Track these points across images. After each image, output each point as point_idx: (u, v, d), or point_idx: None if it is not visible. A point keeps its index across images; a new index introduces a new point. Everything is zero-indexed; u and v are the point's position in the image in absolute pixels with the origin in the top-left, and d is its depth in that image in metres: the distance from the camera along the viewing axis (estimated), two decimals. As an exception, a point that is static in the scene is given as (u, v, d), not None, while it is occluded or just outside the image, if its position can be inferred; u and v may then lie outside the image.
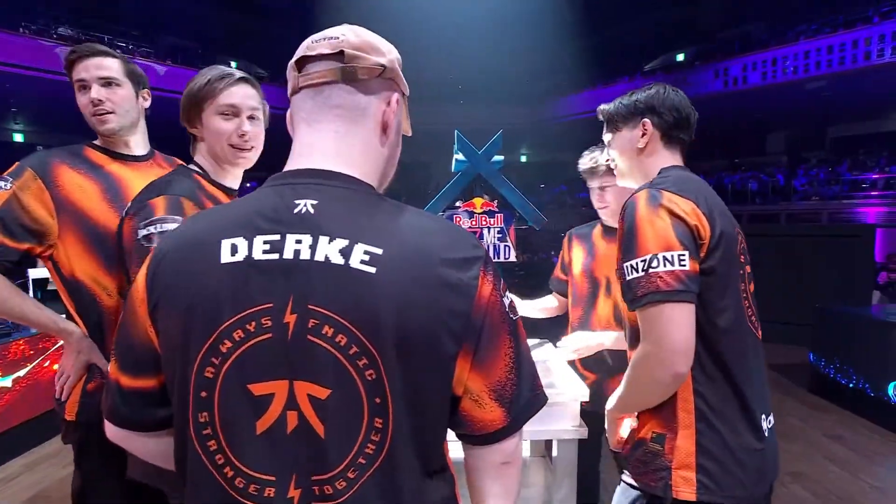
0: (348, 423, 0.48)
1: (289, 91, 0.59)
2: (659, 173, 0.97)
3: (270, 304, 0.48)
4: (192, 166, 1.09)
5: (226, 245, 0.50)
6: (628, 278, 0.84)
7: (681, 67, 15.16)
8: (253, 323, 0.48)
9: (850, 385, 3.22)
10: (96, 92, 1.13)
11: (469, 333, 0.51)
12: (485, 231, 1.27)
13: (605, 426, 1.03)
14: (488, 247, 1.27)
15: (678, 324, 0.81)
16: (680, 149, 1.01)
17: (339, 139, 0.56)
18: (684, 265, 0.81)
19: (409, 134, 0.65)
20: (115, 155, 1.21)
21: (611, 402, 0.99)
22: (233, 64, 13.08)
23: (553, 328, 1.62)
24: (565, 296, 1.59)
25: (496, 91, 17.06)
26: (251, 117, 1.04)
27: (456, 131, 1.27)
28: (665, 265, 0.81)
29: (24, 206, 1.09)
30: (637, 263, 0.83)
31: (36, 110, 13.57)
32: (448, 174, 1.34)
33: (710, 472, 0.84)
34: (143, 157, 1.23)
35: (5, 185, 1.11)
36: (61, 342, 1.19)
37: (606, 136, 1.09)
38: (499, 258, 1.28)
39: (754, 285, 1.00)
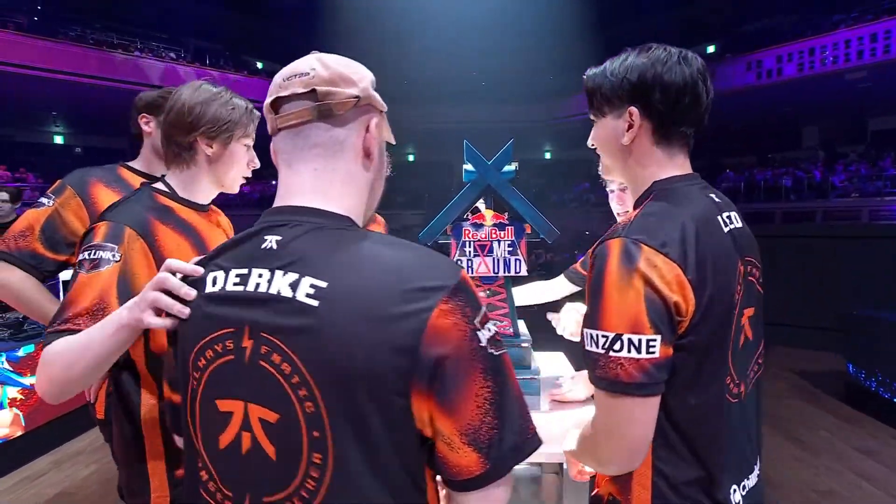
0: (293, 450, 0.50)
1: (269, 130, 0.60)
2: (653, 187, 0.77)
3: (234, 329, 0.53)
4: (158, 185, 1.04)
5: (209, 277, 0.57)
6: (587, 348, 0.69)
7: (710, 60, 14.65)
8: (220, 344, 0.54)
9: (888, 396, 3.05)
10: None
11: (420, 371, 0.47)
12: (494, 244, 1.24)
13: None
14: (498, 261, 1.24)
15: (637, 421, 0.67)
16: (682, 147, 0.78)
17: (317, 176, 0.58)
18: (653, 353, 0.64)
19: (393, 142, 0.65)
20: (145, 176, 1.34)
21: (569, 444, 0.85)
22: (259, 65, 13.26)
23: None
24: (576, 285, 1.57)
25: (518, 88, 16.91)
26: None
27: (465, 141, 1.25)
28: (630, 351, 0.65)
29: (64, 221, 1.24)
30: (597, 337, 0.67)
31: (74, 114, 14.22)
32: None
33: None
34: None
35: (48, 202, 1.26)
36: None
37: (590, 112, 0.85)
38: (509, 272, 1.25)
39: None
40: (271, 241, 0.55)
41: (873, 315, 3.32)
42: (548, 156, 22.02)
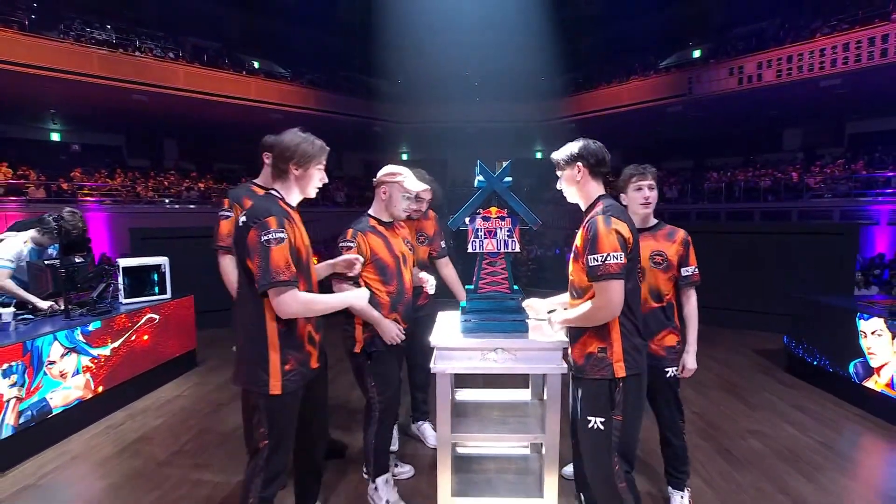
0: None
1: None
2: (599, 199, 1.61)
3: None
4: (273, 192, 1.64)
5: None
6: (591, 264, 1.50)
7: (695, 65, 15.26)
8: None
9: (815, 363, 3.67)
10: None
11: None
12: (497, 230, 1.80)
13: (549, 320, 1.74)
14: (500, 242, 1.80)
15: (618, 291, 1.50)
16: (602, 180, 1.65)
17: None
18: (620, 260, 1.48)
19: (412, 192, 1.35)
20: (265, 189, 2.11)
21: (561, 317, 1.66)
22: (255, 64, 13.54)
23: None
24: None
25: (510, 89, 17.35)
26: None
27: (479, 161, 1.80)
28: (613, 259, 1.47)
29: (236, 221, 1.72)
30: (598, 257, 1.49)
31: (71, 111, 14.33)
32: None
33: (628, 360, 1.55)
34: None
35: (231, 214, 2.24)
36: (147, 317, 2.40)
37: (557, 171, 1.69)
38: (507, 249, 1.81)
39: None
40: None
41: (805, 298, 3.93)
42: (539, 155, 22.53)
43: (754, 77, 14.01)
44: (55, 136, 16.35)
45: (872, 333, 3.19)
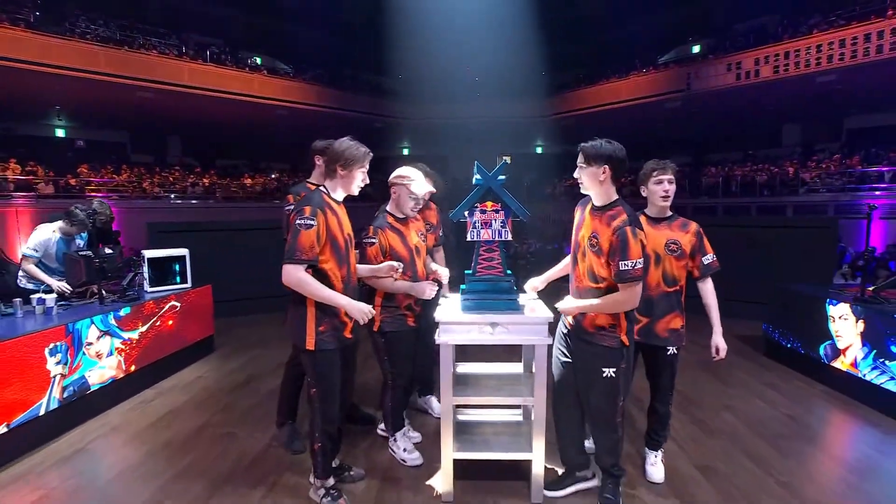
0: None
1: None
2: (618, 203, 1.89)
3: None
4: (322, 188, 1.97)
5: None
6: (622, 269, 1.80)
7: (694, 61, 15.42)
8: None
9: (789, 346, 3.96)
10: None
11: None
12: (492, 221, 2.08)
13: (566, 308, 1.99)
14: (494, 232, 2.08)
15: (639, 291, 1.86)
16: (618, 184, 1.91)
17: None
18: (642, 265, 1.83)
19: (419, 195, 1.69)
20: (316, 185, 2.38)
21: (578, 304, 1.95)
22: (258, 60, 13.70)
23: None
24: None
25: (511, 85, 17.51)
26: None
27: (476, 162, 2.08)
28: (638, 265, 1.80)
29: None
30: (629, 263, 1.79)
31: (76, 108, 14.55)
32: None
33: (629, 332, 1.96)
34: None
35: (289, 209, 2.39)
36: (170, 304, 2.91)
37: (580, 161, 1.90)
38: (501, 238, 2.09)
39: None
40: None
41: (781, 286, 4.21)
42: (539, 150, 22.73)
43: (752, 73, 14.17)
44: (60, 133, 16.59)
45: (840, 318, 3.48)
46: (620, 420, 2.01)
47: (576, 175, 1.93)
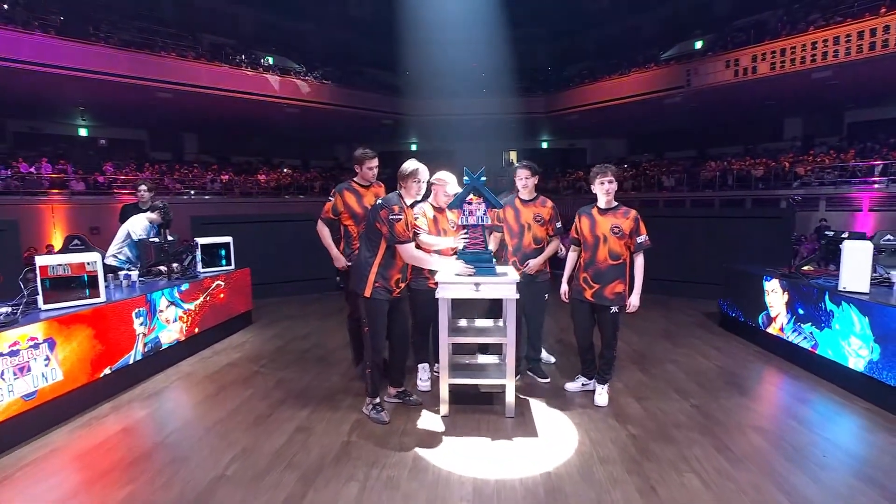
0: None
1: None
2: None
3: None
4: (399, 193, 2.84)
5: None
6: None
7: (693, 58, 15.83)
8: None
9: (735, 316, 4.70)
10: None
11: None
12: (477, 210, 2.85)
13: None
14: (478, 217, 2.86)
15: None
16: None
17: None
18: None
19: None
20: (363, 186, 3.38)
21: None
22: (270, 60, 14.42)
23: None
24: (577, 245, 3.24)
25: (516, 80, 17.94)
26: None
27: (465, 168, 2.84)
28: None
29: (335, 205, 3.37)
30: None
31: (98, 109, 15.31)
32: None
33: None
34: (369, 185, 3.20)
35: (333, 199, 3.38)
36: (217, 283, 4.29)
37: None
38: (483, 223, 2.88)
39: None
40: None
41: (731, 266, 4.94)
42: (544, 145, 23.27)
43: (749, 69, 14.57)
44: (83, 132, 17.47)
45: (772, 291, 4.20)
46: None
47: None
